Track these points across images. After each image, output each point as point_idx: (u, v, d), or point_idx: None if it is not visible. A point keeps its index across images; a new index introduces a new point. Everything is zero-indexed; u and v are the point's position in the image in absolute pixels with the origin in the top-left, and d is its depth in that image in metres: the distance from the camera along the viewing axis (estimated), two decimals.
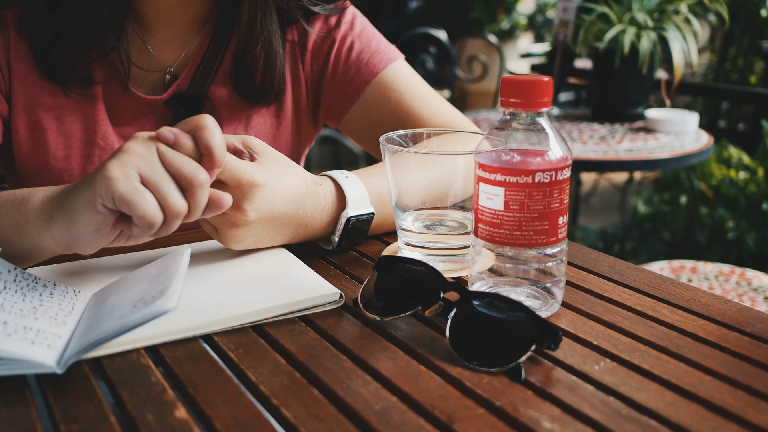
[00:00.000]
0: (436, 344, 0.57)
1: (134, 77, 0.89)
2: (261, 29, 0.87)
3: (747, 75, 3.30)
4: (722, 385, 0.50)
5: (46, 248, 0.64)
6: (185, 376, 0.52)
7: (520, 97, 0.58)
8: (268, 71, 0.90)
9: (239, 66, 0.90)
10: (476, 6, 5.37)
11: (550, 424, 0.46)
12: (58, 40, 0.82)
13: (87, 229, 0.59)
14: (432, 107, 0.95)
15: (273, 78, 0.90)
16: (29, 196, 0.65)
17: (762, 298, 1.50)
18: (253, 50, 0.87)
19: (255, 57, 0.88)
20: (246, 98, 0.92)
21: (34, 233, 0.63)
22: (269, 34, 0.88)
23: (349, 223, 0.74)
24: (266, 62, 0.89)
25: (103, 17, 0.82)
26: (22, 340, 0.52)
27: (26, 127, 0.85)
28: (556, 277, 0.61)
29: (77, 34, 0.81)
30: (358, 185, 0.75)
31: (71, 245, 0.61)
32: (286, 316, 0.61)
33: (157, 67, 0.90)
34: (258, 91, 0.91)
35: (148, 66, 0.89)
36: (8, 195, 0.66)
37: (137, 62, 0.88)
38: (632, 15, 2.02)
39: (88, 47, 0.83)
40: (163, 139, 0.61)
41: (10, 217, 0.64)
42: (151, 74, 0.90)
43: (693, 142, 1.93)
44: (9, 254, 0.65)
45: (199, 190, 0.60)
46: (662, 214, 2.68)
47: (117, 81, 0.87)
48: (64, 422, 0.47)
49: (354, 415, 0.47)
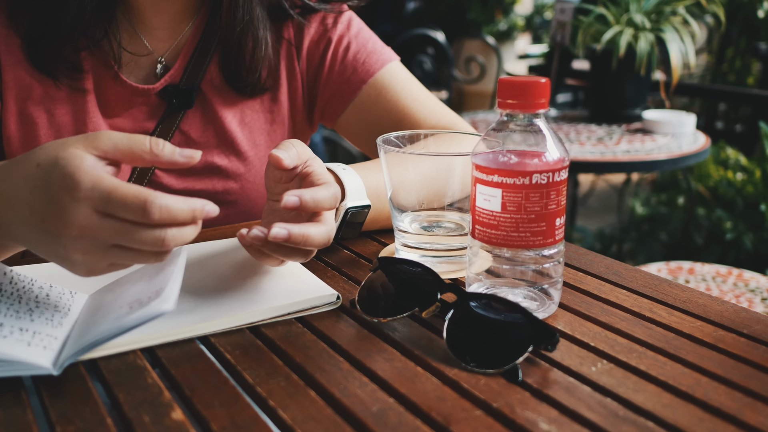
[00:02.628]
0: (433, 345, 0.57)
1: (125, 66, 0.88)
2: (244, 11, 0.86)
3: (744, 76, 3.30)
4: (719, 386, 0.50)
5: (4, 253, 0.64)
6: (182, 377, 0.52)
7: (517, 98, 0.58)
8: (256, 56, 0.89)
9: (227, 50, 0.89)
10: (474, 7, 5.38)
11: (547, 425, 0.46)
12: (47, 30, 0.81)
13: None
14: (427, 108, 0.96)
15: (260, 63, 0.90)
16: None
17: (759, 300, 1.51)
18: (237, 34, 0.87)
19: (240, 41, 0.88)
20: (234, 88, 0.92)
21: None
22: (253, 18, 0.87)
23: (347, 214, 0.74)
24: (253, 46, 0.88)
25: (92, 4, 0.81)
26: (18, 341, 0.51)
27: (17, 121, 0.85)
28: (553, 279, 0.61)
29: (66, 22, 0.81)
30: (355, 177, 0.76)
31: None
32: (283, 317, 0.61)
33: (148, 53, 0.90)
34: (245, 78, 0.90)
35: (139, 53, 0.89)
36: None
37: (128, 50, 0.88)
38: (630, 16, 2.02)
39: (77, 36, 0.83)
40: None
41: None
42: (143, 63, 0.90)
43: (690, 143, 1.93)
44: None
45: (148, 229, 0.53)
46: (660, 215, 2.68)
47: (108, 71, 0.87)
48: (60, 424, 0.46)
49: (351, 417, 0.47)
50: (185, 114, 0.91)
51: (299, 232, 0.58)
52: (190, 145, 0.92)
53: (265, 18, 0.90)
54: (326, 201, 0.61)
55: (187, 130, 0.91)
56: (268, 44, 0.90)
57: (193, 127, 0.91)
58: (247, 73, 0.90)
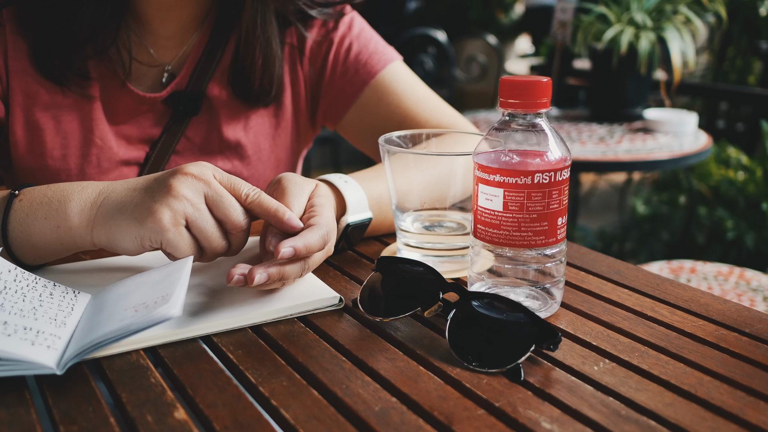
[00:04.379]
0: (435, 345, 0.57)
1: (132, 75, 0.89)
2: (261, 31, 0.87)
3: (745, 75, 3.30)
4: (721, 385, 0.50)
5: (85, 248, 0.67)
6: (184, 377, 0.52)
7: (519, 97, 0.58)
8: (267, 73, 0.90)
9: (238, 68, 0.90)
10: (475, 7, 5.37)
11: (549, 424, 0.46)
12: (57, 38, 0.82)
13: (127, 250, 0.63)
14: (430, 108, 0.95)
15: (272, 80, 0.91)
16: (65, 200, 0.65)
17: (761, 298, 1.51)
18: (252, 52, 0.88)
19: (254, 59, 0.88)
20: (244, 100, 0.92)
21: (75, 237, 0.65)
22: (269, 36, 0.88)
23: (348, 228, 0.74)
24: (265, 64, 0.89)
25: (106, 15, 0.82)
26: (22, 340, 0.52)
27: (23, 127, 0.85)
28: (555, 278, 0.61)
29: (78, 31, 0.81)
30: (357, 190, 0.75)
31: (110, 250, 0.65)
32: (285, 318, 0.61)
33: (155, 64, 0.90)
34: (256, 92, 0.91)
35: (145, 62, 0.89)
36: (38, 197, 0.66)
37: (136, 59, 0.88)
38: (631, 15, 2.02)
39: (87, 45, 0.83)
40: None
41: (48, 221, 0.65)
42: (149, 72, 0.90)
43: (692, 142, 1.93)
44: (45, 254, 0.67)
45: (241, 234, 0.64)
46: (661, 215, 2.68)
47: (115, 79, 0.87)
48: (64, 423, 0.47)
49: (353, 416, 0.47)
50: (190, 120, 0.91)
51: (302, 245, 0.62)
52: (194, 150, 0.92)
53: (277, 32, 0.90)
54: (316, 244, 0.63)
55: (192, 136, 0.92)
56: (280, 62, 0.91)
57: (198, 133, 0.92)
58: (259, 89, 0.91)
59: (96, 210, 0.64)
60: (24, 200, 0.66)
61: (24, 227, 0.65)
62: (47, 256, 0.67)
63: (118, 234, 0.62)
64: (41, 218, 0.65)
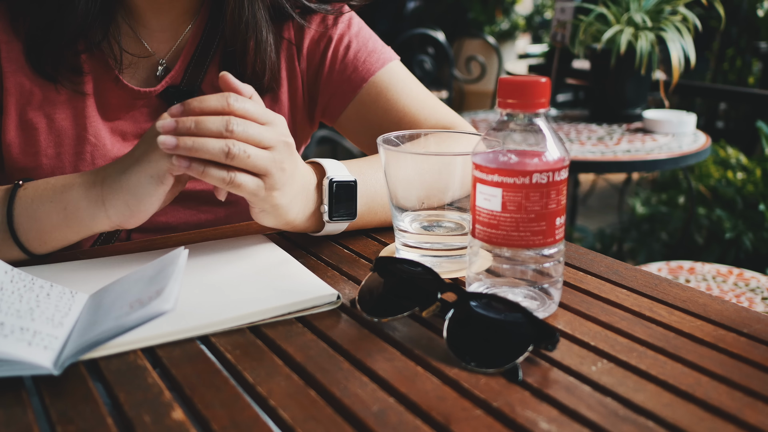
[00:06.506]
0: (433, 345, 0.57)
1: (126, 70, 0.88)
2: (249, 14, 0.86)
3: (745, 76, 3.30)
4: (719, 385, 0.50)
5: (95, 229, 0.68)
6: (182, 377, 0.52)
7: (517, 97, 0.58)
8: (259, 58, 0.89)
9: (229, 52, 0.89)
10: (474, 7, 5.38)
11: (547, 424, 0.46)
12: (48, 32, 0.81)
13: (150, 200, 0.65)
14: (427, 107, 0.96)
15: (264, 65, 0.89)
16: (69, 186, 0.69)
17: (759, 299, 1.51)
18: (242, 36, 0.87)
19: (244, 43, 0.87)
20: None
21: (85, 217, 0.66)
22: (257, 20, 0.87)
23: (333, 185, 0.74)
24: (257, 48, 0.88)
25: (97, 7, 0.81)
26: (19, 341, 0.51)
27: (17, 127, 0.84)
28: (553, 278, 0.61)
29: (69, 26, 0.81)
30: (336, 163, 0.77)
31: (127, 221, 0.67)
32: (283, 317, 0.61)
33: (149, 55, 0.90)
34: (249, 78, 0.90)
35: (139, 55, 0.89)
36: (41, 185, 0.70)
37: (129, 52, 0.88)
38: (630, 15, 2.02)
39: (79, 38, 0.83)
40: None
41: (55, 204, 0.67)
42: (144, 66, 0.90)
43: (691, 142, 1.93)
44: (51, 238, 0.68)
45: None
46: (660, 215, 2.68)
47: (108, 74, 0.87)
48: (61, 424, 0.46)
49: (351, 416, 0.47)
50: None
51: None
52: None
53: (268, 20, 0.90)
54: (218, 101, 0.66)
55: None
56: (271, 47, 0.90)
57: None
58: (252, 75, 0.90)
59: (101, 186, 0.66)
60: (29, 189, 0.70)
61: (30, 211, 0.67)
62: (52, 240, 0.68)
63: (134, 188, 0.64)
64: (47, 201, 0.68)
